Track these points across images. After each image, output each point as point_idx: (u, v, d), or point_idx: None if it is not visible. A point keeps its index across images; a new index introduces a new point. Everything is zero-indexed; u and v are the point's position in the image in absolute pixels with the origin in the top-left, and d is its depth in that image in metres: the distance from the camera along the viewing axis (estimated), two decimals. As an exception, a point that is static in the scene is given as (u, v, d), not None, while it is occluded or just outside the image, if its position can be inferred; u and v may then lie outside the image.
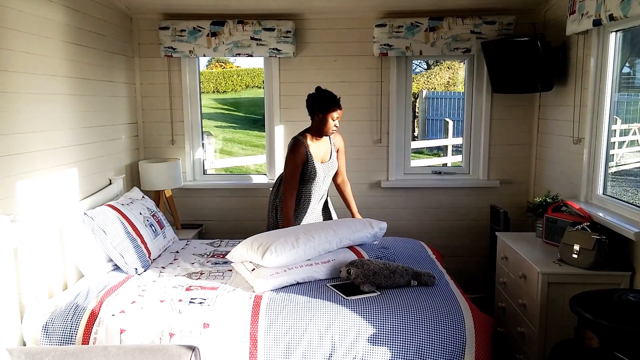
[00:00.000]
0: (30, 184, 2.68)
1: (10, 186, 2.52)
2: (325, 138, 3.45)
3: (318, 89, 3.38)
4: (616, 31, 2.96)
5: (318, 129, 3.37)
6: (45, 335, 2.37)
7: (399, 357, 2.30)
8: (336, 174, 3.59)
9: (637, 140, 3.80)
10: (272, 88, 4.12)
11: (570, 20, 3.12)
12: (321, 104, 3.32)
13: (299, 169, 3.33)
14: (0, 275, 2.31)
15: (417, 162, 8.08)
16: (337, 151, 3.56)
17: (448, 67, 12.45)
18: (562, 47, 3.47)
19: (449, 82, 12.31)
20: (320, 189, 3.46)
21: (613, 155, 3.28)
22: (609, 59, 3.00)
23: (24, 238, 2.51)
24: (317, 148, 3.41)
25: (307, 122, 4.16)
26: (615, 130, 3.24)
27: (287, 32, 3.89)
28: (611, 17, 2.65)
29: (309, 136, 3.39)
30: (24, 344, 2.45)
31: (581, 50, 3.25)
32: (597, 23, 2.81)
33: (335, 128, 3.35)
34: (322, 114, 3.32)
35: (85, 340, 2.35)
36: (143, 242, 3.08)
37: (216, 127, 11.92)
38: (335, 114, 3.31)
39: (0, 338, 2.30)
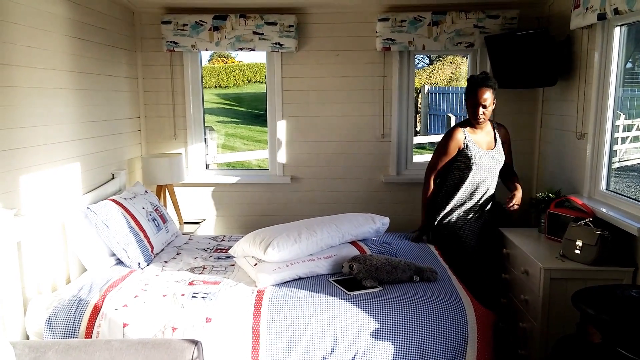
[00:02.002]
0: (33, 178, 2.68)
1: (13, 180, 2.52)
2: (487, 128, 3.27)
3: (483, 72, 3.23)
4: (621, 25, 2.94)
5: (469, 117, 3.20)
6: (48, 329, 2.38)
7: (401, 352, 2.31)
8: (502, 171, 3.34)
9: (641, 135, 3.78)
10: (274, 83, 4.11)
11: (574, 14, 3.10)
12: (466, 92, 3.17)
13: (449, 156, 3.21)
14: (3, 269, 2.32)
15: (419, 158, 8.05)
16: (504, 144, 3.32)
17: (450, 62, 12.41)
18: (566, 42, 3.45)
19: (451, 77, 12.28)
20: (478, 179, 3.22)
21: (616, 150, 3.26)
22: (613, 54, 2.99)
23: (27, 232, 2.51)
24: (478, 136, 3.23)
25: (309, 117, 4.17)
26: (618, 125, 3.22)
27: (290, 26, 3.88)
28: (616, 11, 2.63)
29: (468, 125, 3.22)
30: (27, 338, 2.46)
31: (585, 45, 3.23)
32: (601, 17, 2.79)
33: (482, 116, 3.11)
34: (466, 102, 3.18)
35: (88, 334, 2.36)
36: (146, 236, 3.08)
37: (218, 122, 11.92)
38: (474, 102, 3.09)
39: (4, 331, 2.31)
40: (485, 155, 3.20)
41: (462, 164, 3.21)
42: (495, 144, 3.26)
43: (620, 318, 2.01)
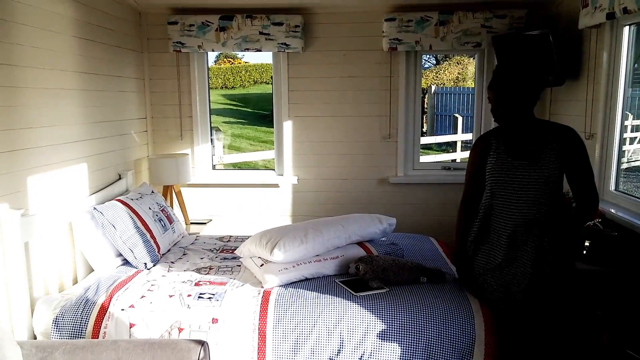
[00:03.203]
0: (41, 178, 2.69)
1: (21, 181, 2.53)
2: (539, 132, 2.29)
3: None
4: (630, 25, 2.91)
5: None
6: (55, 329, 2.38)
7: (407, 354, 2.30)
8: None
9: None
10: (280, 83, 4.11)
11: (583, 13, 3.08)
12: None
13: (473, 169, 2.46)
14: (11, 269, 2.33)
15: (426, 158, 8.04)
16: (565, 157, 2.23)
17: (457, 63, 12.39)
18: (575, 41, 3.42)
19: (458, 77, 12.25)
20: (499, 199, 2.32)
21: (625, 151, 3.24)
22: (622, 54, 2.96)
23: (35, 232, 2.52)
24: (514, 141, 2.34)
25: (316, 117, 4.16)
26: (626, 126, 3.20)
27: (296, 26, 3.87)
28: (625, 10, 2.61)
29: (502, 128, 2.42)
30: (35, 338, 2.47)
31: (594, 45, 3.20)
32: (610, 16, 2.77)
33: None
34: None
35: (95, 334, 2.36)
36: (152, 237, 3.08)
37: (224, 122, 11.94)
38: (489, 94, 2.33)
39: (11, 331, 2.32)
40: (511, 167, 2.28)
41: (486, 180, 2.39)
42: (540, 154, 2.24)
43: (629, 319, 1.99)
